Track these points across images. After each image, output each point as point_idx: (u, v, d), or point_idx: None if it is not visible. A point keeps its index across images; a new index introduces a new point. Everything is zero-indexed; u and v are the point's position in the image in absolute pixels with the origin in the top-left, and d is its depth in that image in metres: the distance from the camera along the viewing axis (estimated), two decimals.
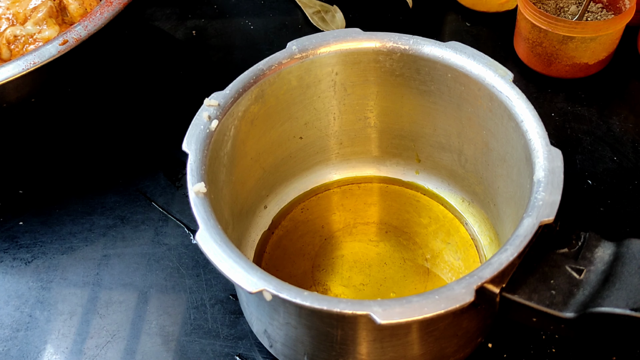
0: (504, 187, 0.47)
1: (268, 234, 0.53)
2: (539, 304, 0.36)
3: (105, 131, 0.64)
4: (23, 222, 0.57)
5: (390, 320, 0.34)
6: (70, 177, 0.60)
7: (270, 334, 0.44)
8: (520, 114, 0.43)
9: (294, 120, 0.51)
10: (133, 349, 0.49)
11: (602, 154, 0.57)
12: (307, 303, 0.35)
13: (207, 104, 0.44)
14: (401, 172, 0.55)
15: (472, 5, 0.70)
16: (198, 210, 0.39)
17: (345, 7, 0.72)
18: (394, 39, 0.48)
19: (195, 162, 0.42)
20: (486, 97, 0.45)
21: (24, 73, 0.51)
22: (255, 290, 0.36)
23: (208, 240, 0.38)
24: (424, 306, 0.35)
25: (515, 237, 0.37)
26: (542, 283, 0.36)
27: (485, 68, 0.45)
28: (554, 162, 0.40)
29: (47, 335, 0.50)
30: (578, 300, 0.35)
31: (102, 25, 0.54)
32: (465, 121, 0.48)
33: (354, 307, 0.35)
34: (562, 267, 0.37)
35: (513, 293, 0.36)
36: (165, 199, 0.58)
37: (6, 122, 0.58)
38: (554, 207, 0.38)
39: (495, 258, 0.36)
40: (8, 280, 0.53)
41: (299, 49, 0.47)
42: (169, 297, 0.51)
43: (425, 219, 0.54)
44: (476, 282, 0.35)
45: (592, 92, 0.63)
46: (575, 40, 0.60)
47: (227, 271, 0.37)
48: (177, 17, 0.73)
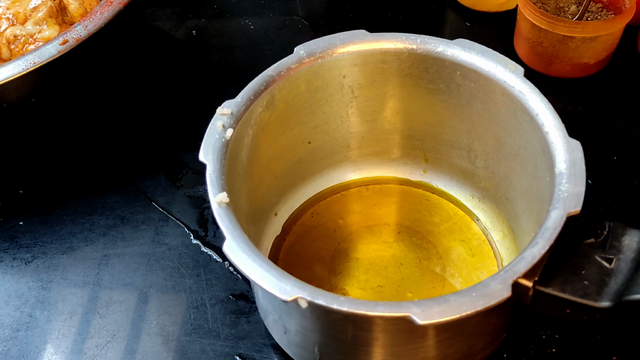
0: (518, 182, 0.47)
1: (280, 240, 0.53)
2: (573, 295, 0.36)
3: (105, 131, 0.63)
4: (23, 222, 0.57)
5: (430, 321, 0.34)
6: (70, 177, 0.60)
7: (291, 338, 0.43)
8: (534, 108, 0.43)
9: (303, 125, 0.51)
10: (133, 348, 0.49)
11: (602, 153, 0.58)
12: (345, 308, 0.35)
13: (220, 112, 0.44)
14: (409, 172, 0.55)
15: (472, 5, 0.70)
16: (223, 221, 0.39)
17: (345, 6, 0.72)
18: (401, 39, 0.48)
19: (215, 172, 0.41)
20: (498, 93, 0.45)
21: (24, 73, 0.51)
22: (290, 299, 0.35)
23: (237, 251, 0.37)
24: (462, 304, 0.34)
25: (544, 230, 0.37)
26: (574, 274, 0.37)
27: (495, 64, 0.45)
28: (574, 154, 0.40)
29: (47, 335, 0.50)
30: (612, 289, 0.36)
31: (102, 25, 0.54)
32: (476, 118, 0.48)
33: (392, 309, 0.35)
34: (591, 257, 0.37)
35: (546, 286, 0.36)
36: (165, 199, 0.58)
37: (6, 122, 0.58)
38: (579, 198, 0.38)
39: (527, 252, 0.36)
40: (8, 280, 0.53)
41: (306, 53, 0.47)
42: (169, 297, 0.51)
43: (436, 217, 0.54)
44: (511, 277, 0.35)
45: (592, 92, 0.63)
46: (576, 40, 0.60)
47: (259, 280, 0.36)
48: (177, 17, 0.73)
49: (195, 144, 0.61)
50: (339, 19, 0.72)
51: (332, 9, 0.74)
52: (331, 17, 0.73)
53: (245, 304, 0.50)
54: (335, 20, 0.72)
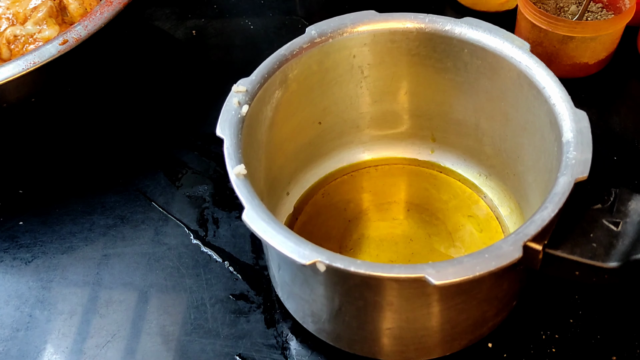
0: (525, 155, 0.48)
1: (292, 220, 0.54)
2: (582, 257, 0.37)
3: (105, 131, 0.64)
4: (23, 221, 0.57)
5: (445, 281, 0.35)
6: (70, 177, 0.60)
7: (314, 311, 0.45)
8: (541, 81, 0.44)
9: (314, 105, 0.52)
10: (133, 348, 0.49)
11: (602, 153, 0.58)
12: (362, 270, 0.36)
13: (235, 90, 0.45)
14: (417, 152, 0.57)
15: (472, 5, 0.71)
16: (241, 192, 0.40)
17: (345, 6, 0.73)
18: (409, 18, 0.49)
19: (232, 146, 0.42)
20: (505, 69, 0.47)
21: (24, 73, 0.51)
22: (309, 262, 0.36)
23: (255, 219, 0.38)
24: (475, 265, 0.36)
25: (553, 195, 0.38)
26: (582, 237, 0.38)
27: (502, 40, 0.47)
28: (581, 123, 0.41)
29: (47, 335, 0.50)
30: (619, 251, 0.37)
31: (102, 25, 0.54)
32: (483, 95, 0.50)
33: (407, 270, 0.36)
34: (599, 221, 0.38)
35: (556, 249, 0.38)
36: (165, 199, 0.58)
37: (6, 122, 0.58)
38: (587, 165, 0.39)
39: (537, 216, 0.37)
40: (8, 280, 0.53)
41: (318, 33, 0.48)
42: (169, 296, 0.51)
43: (444, 195, 0.55)
44: (522, 239, 0.36)
45: (592, 92, 0.63)
46: (575, 40, 0.60)
47: (278, 246, 0.37)
48: (177, 17, 0.74)
49: (194, 143, 0.63)
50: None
51: (331, 9, 0.74)
52: (330, 16, 0.72)
53: (245, 303, 0.51)
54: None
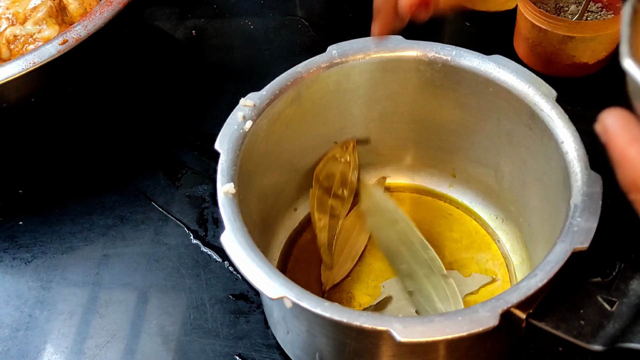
0: (540, 208, 0.46)
1: (296, 236, 0.53)
2: (566, 334, 0.35)
3: (105, 131, 0.64)
4: (23, 222, 0.57)
5: (410, 339, 0.33)
6: (70, 177, 0.60)
7: (291, 338, 0.44)
8: (560, 135, 0.41)
9: (330, 124, 0.50)
10: (133, 348, 0.49)
11: (602, 153, 0.55)
12: (327, 314, 0.35)
13: (243, 104, 0.44)
14: (435, 183, 0.54)
15: (472, 5, 0.69)
16: (225, 211, 0.39)
17: (345, 6, 0.71)
18: (436, 48, 0.47)
19: (227, 162, 0.41)
20: (527, 115, 0.44)
21: (23, 73, 0.51)
22: (276, 297, 0.35)
23: (233, 243, 0.38)
24: (446, 327, 0.34)
25: (546, 263, 0.36)
26: (572, 312, 0.35)
27: (528, 85, 0.44)
28: (593, 187, 0.38)
29: (47, 335, 0.50)
30: (608, 333, 0.34)
31: (102, 25, 0.54)
32: (504, 137, 0.47)
33: (374, 322, 0.34)
34: (593, 297, 0.36)
35: (540, 320, 0.35)
36: (165, 199, 0.58)
37: (6, 122, 0.58)
38: (589, 235, 0.36)
39: (523, 282, 0.35)
40: (8, 280, 0.54)
41: (339, 53, 0.47)
42: (169, 297, 0.51)
43: (457, 233, 0.52)
44: (502, 306, 0.34)
45: (592, 92, 0.62)
46: (575, 39, 0.59)
47: (249, 275, 0.36)
48: (176, 17, 0.73)
49: (194, 143, 0.62)
50: (339, 19, 0.71)
51: (331, 9, 0.73)
52: (330, 17, 0.72)
53: (245, 304, 0.50)
54: (335, 20, 0.71)
